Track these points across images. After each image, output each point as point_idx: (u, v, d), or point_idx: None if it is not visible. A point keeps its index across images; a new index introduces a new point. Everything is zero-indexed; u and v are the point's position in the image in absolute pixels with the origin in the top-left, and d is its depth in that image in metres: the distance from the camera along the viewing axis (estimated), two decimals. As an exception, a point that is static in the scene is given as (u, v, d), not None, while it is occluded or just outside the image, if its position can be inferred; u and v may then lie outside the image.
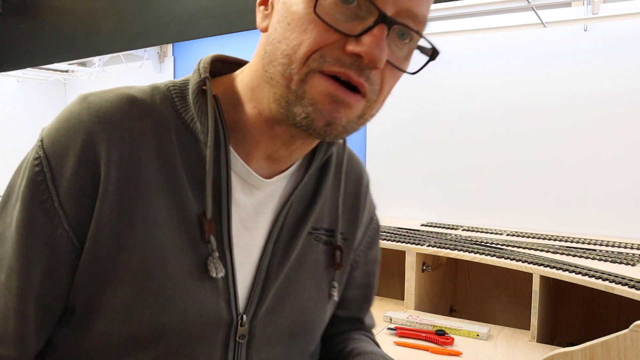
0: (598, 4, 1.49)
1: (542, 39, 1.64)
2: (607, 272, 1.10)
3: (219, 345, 0.49)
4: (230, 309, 0.49)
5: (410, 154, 1.91)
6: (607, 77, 1.55)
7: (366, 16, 0.42)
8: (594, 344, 0.87)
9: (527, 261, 1.20)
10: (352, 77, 0.42)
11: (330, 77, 0.42)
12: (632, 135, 1.52)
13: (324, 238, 0.57)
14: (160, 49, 2.64)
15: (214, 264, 0.47)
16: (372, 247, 0.67)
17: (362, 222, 0.63)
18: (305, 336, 0.56)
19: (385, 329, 1.20)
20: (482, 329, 1.17)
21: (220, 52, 0.59)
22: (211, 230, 0.47)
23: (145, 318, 0.46)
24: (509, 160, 1.72)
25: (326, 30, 0.42)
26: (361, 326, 0.69)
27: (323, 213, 0.57)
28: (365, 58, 0.41)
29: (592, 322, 1.45)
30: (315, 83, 0.43)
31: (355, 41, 0.42)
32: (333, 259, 0.57)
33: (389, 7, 0.42)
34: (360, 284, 0.65)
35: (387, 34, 0.42)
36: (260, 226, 0.52)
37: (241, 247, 0.50)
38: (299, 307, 0.54)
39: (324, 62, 0.42)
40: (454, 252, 1.30)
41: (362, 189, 0.64)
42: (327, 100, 0.43)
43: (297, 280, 0.54)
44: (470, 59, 1.77)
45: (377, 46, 0.41)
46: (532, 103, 1.67)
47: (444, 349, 1.09)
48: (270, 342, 0.52)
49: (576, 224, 1.62)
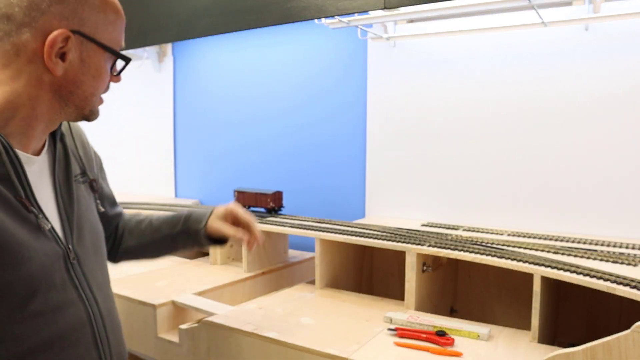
0: (599, 4, 1.49)
1: (542, 39, 1.63)
2: (609, 272, 1.09)
3: (64, 267, 0.75)
4: (60, 245, 0.76)
5: (410, 154, 1.91)
6: (609, 77, 1.54)
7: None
8: (595, 345, 0.87)
9: (528, 261, 1.20)
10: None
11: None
12: (633, 135, 1.52)
13: (81, 179, 0.87)
14: (160, 49, 2.63)
15: (42, 222, 0.73)
16: (102, 169, 1.00)
17: (92, 158, 0.95)
18: (100, 244, 0.88)
19: (385, 330, 1.20)
20: (483, 330, 1.17)
21: (219, 51, 0.68)
22: (29, 203, 0.72)
23: (17, 269, 0.68)
24: (509, 160, 1.72)
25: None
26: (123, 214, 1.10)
27: (75, 165, 0.86)
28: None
29: (594, 322, 1.44)
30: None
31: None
32: (92, 188, 0.90)
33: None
34: (107, 191, 1.02)
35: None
36: (48, 192, 0.78)
37: (49, 209, 0.77)
38: (91, 229, 0.85)
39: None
40: (455, 253, 1.30)
41: (85, 138, 0.95)
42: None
43: (84, 214, 0.84)
44: (471, 58, 1.76)
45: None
46: (533, 103, 1.66)
47: (444, 350, 1.09)
48: (88, 257, 0.81)
49: (577, 224, 1.61)
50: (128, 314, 1.47)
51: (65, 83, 0.74)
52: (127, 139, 2.87)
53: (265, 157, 2.32)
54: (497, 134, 1.73)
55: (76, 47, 0.73)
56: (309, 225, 1.66)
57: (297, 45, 2.20)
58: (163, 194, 2.72)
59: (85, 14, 0.72)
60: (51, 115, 0.76)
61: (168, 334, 1.41)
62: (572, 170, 1.61)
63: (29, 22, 0.69)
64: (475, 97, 1.77)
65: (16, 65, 0.71)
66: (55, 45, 0.70)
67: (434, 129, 1.85)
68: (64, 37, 0.70)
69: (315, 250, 1.52)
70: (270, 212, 1.88)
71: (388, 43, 1.93)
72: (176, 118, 2.65)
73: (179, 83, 2.62)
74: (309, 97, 2.18)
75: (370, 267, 1.80)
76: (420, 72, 1.87)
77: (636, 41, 1.50)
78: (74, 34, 0.71)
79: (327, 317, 1.30)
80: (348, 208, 2.08)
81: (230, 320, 1.26)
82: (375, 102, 1.98)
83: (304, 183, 2.21)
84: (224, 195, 2.45)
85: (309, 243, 1.76)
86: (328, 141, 2.12)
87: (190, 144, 2.62)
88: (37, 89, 0.72)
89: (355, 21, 1.74)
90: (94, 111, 0.81)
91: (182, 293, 1.50)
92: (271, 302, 1.41)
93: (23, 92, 0.71)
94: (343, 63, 2.07)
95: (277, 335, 1.16)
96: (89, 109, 0.80)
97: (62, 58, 0.72)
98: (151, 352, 1.43)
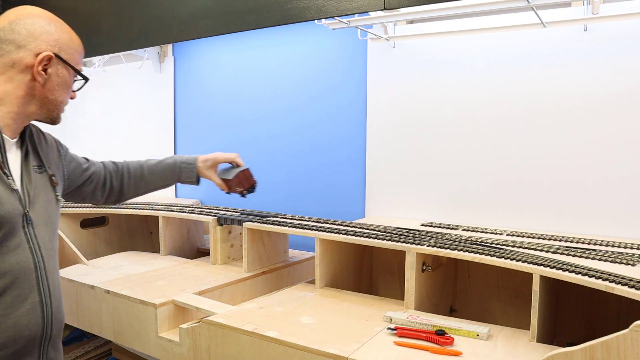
0: (598, 4, 1.49)
1: (541, 39, 1.64)
2: (607, 272, 1.10)
3: (21, 223, 0.99)
4: (21, 205, 1.00)
5: (410, 154, 1.91)
6: (607, 77, 1.55)
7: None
8: (594, 344, 0.87)
9: (527, 261, 1.20)
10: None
11: None
12: (632, 135, 1.52)
13: (38, 170, 1.08)
14: (160, 49, 2.64)
15: (12, 184, 0.99)
16: (68, 156, 1.24)
17: (55, 158, 1.17)
18: (52, 223, 1.09)
19: (385, 329, 1.20)
20: (482, 329, 1.17)
21: (219, 52, 0.72)
22: (5, 168, 0.98)
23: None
24: (509, 160, 1.72)
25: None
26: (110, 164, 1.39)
27: (34, 157, 1.08)
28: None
29: (592, 322, 1.45)
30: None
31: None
32: (51, 182, 1.11)
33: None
34: (79, 168, 1.27)
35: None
36: (16, 168, 1.03)
37: (15, 179, 1.01)
38: (44, 206, 1.06)
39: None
40: (454, 252, 1.30)
41: (57, 143, 1.20)
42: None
43: (38, 193, 1.05)
44: (470, 59, 1.77)
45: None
46: (532, 103, 1.67)
47: (444, 349, 1.09)
48: (39, 225, 1.03)
49: (576, 224, 1.62)
50: (128, 313, 1.47)
51: (43, 90, 1.03)
52: (128, 139, 2.87)
53: (265, 157, 2.33)
54: (496, 134, 1.74)
55: (55, 66, 1.04)
56: (309, 225, 1.66)
57: (297, 46, 2.20)
58: (163, 194, 2.72)
59: (63, 43, 1.05)
60: (29, 114, 1.04)
61: (169, 333, 1.41)
62: (571, 170, 1.62)
63: (25, 45, 1.00)
64: (474, 97, 1.77)
65: (10, 74, 1.00)
66: (42, 61, 1.01)
67: (434, 129, 1.86)
68: (48, 57, 1.02)
69: (315, 250, 1.53)
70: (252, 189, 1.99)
71: (388, 43, 1.93)
72: (176, 118, 2.66)
73: (180, 83, 2.62)
74: (309, 97, 2.18)
75: (370, 267, 1.81)
76: (420, 73, 1.88)
77: (635, 41, 1.50)
78: (55, 56, 1.03)
79: (327, 316, 1.30)
80: (348, 208, 2.08)
81: (231, 319, 1.26)
82: (375, 103, 1.98)
83: (304, 183, 2.21)
84: (223, 195, 2.45)
85: (309, 243, 1.77)
86: (328, 141, 2.13)
87: (191, 144, 2.62)
88: (23, 92, 1.01)
89: (355, 22, 1.75)
90: (59, 116, 1.09)
91: (182, 293, 1.50)
92: (271, 302, 1.42)
93: (12, 93, 1.00)
94: (343, 63, 2.08)
95: (277, 334, 1.16)
96: (57, 113, 1.08)
97: (45, 72, 1.02)
98: (152, 351, 1.43)
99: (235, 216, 1.85)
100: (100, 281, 1.61)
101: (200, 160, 1.40)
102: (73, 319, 1.66)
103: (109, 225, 2.29)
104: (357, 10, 1.39)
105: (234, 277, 1.68)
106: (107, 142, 2.99)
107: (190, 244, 2.14)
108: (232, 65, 2.40)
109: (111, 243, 2.29)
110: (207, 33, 1.65)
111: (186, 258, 1.99)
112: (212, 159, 1.41)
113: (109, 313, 1.54)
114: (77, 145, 3.34)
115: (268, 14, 1.48)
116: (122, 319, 1.50)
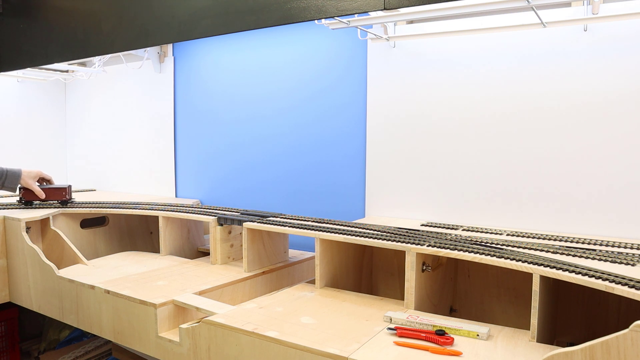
0: (598, 4, 1.49)
1: (541, 39, 1.64)
2: (608, 272, 1.10)
3: None
4: None
5: (410, 154, 1.91)
6: (607, 77, 1.55)
7: None
8: (594, 344, 0.87)
9: (527, 261, 1.20)
10: None
11: None
12: (632, 135, 1.52)
13: None
14: (161, 49, 2.64)
15: None
16: None
17: None
18: None
19: (385, 329, 1.20)
20: (482, 329, 1.17)
21: (220, 52, 0.71)
22: None
23: None
24: (508, 160, 1.72)
25: None
26: None
27: None
28: None
29: (592, 322, 1.45)
30: None
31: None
32: None
33: None
34: None
35: None
36: None
37: None
38: None
39: None
40: (454, 252, 1.30)
41: None
42: None
43: None
44: (470, 59, 1.77)
45: None
46: (531, 103, 1.67)
47: (444, 349, 1.09)
48: None
49: (576, 224, 1.62)
50: (128, 313, 1.47)
51: None
52: (128, 139, 2.87)
53: (265, 157, 2.33)
54: (495, 134, 1.74)
55: None
56: (309, 225, 1.66)
57: (297, 46, 2.20)
58: (163, 194, 2.72)
59: None
60: None
61: (169, 333, 1.41)
62: (571, 170, 1.62)
63: None
64: (474, 97, 1.77)
65: None
66: None
67: (434, 129, 1.86)
68: None
69: (315, 250, 1.53)
70: (65, 203, 2.19)
71: (388, 43, 1.93)
72: (177, 118, 2.66)
73: (180, 83, 2.62)
74: (309, 97, 2.18)
75: (370, 267, 1.81)
76: (420, 73, 1.88)
77: (635, 42, 1.50)
78: None
79: (327, 316, 1.30)
80: (348, 208, 2.08)
81: (231, 319, 1.26)
82: (375, 103, 1.98)
83: (304, 183, 2.21)
84: (223, 196, 2.45)
85: (309, 243, 1.77)
86: (328, 141, 2.13)
87: (191, 144, 2.62)
88: None
89: (355, 22, 1.75)
90: None
91: (182, 292, 1.50)
92: (271, 302, 1.42)
93: None
94: (343, 63, 2.08)
95: (277, 334, 1.16)
96: None
97: None
98: (152, 352, 1.43)
99: (235, 216, 1.85)
100: (100, 281, 1.61)
101: (25, 172, 1.90)
102: (73, 319, 1.66)
103: (109, 225, 2.29)
104: (357, 10, 1.39)
105: (234, 277, 1.68)
106: (107, 142, 2.99)
107: (190, 244, 2.14)
108: (232, 65, 2.40)
109: (111, 243, 2.29)
110: (207, 33, 1.64)
111: (186, 258, 1.99)
112: (35, 172, 1.96)
113: (108, 313, 1.54)
114: (77, 145, 3.34)
115: (268, 14, 1.47)
116: (122, 319, 1.50)
